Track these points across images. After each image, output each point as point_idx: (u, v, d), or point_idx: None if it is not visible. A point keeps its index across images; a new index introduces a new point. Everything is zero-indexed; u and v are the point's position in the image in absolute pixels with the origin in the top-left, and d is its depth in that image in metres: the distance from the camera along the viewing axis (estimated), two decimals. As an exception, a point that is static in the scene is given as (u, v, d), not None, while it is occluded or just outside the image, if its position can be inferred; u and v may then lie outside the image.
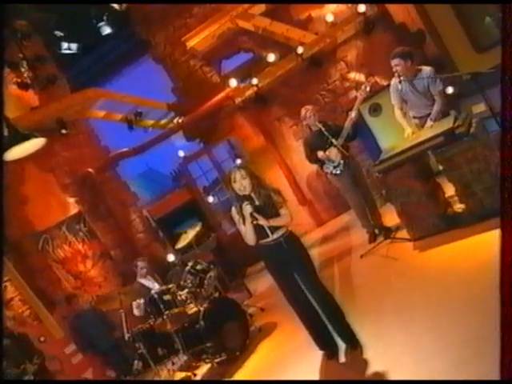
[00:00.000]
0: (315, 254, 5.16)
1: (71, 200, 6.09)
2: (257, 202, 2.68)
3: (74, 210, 6.01)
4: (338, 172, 4.45)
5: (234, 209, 2.75)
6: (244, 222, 2.67)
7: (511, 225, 1.07)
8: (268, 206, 2.69)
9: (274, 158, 6.66)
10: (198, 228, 4.88)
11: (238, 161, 7.02)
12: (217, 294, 4.20)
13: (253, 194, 2.69)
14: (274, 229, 2.68)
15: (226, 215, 8.35)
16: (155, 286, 4.47)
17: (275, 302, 4.53)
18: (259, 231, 2.67)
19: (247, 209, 2.61)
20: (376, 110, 5.63)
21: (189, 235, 4.82)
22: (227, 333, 3.82)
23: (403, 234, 3.99)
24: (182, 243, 4.84)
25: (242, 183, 2.66)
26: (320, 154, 4.42)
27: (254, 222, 2.62)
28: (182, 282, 4.18)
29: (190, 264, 4.29)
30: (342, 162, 4.38)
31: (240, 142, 7.13)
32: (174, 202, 6.07)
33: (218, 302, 4.04)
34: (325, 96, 6.54)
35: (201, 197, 7.10)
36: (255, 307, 4.64)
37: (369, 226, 4.60)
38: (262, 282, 5.48)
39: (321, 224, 6.55)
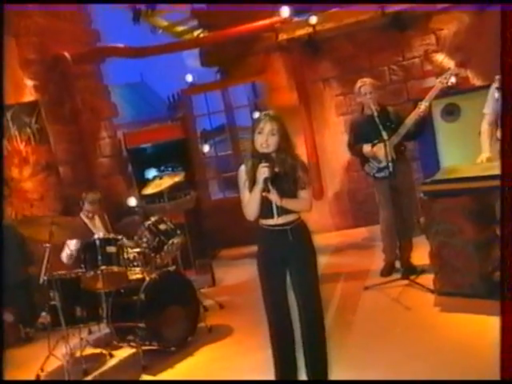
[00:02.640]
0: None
1: (29, 83, 5.93)
2: (276, 169, 2.65)
3: (29, 96, 5.87)
4: (383, 176, 4.38)
5: (243, 166, 2.70)
6: (251, 187, 2.63)
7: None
8: (289, 179, 2.64)
9: (301, 127, 6.54)
10: (177, 178, 4.82)
11: (257, 114, 6.89)
12: (173, 268, 4.18)
13: (274, 156, 2.65)
14: (282, 211, 2.65)
15: (217, 175, 8.33)
16: (100, 230, 4.45)
17: (241, 302, 4.65)
18: (265, 206, 2.64)
19: (263, 172, 2.54)
20: (452, 113, 5.48)
21: (163, 183, 4.76)
22: (169, 319, 3.84)
23: (428, 280, 3.98)
24: (151, 189, 4.79)
25: (267, 139, 2.60)
26: (366, 148, 4.36)
27: (264, 194, 2.58)
28: (135, 238, 4.16)
29: (152, 219, 4.25)
30: (391, 164, 4.22)
31: (267, 90, 6.99)
32: (160, 136, 5.97)
33: (171, 278, 4.03)
34: (394, 72, 6.39)
35: (195, 141, 7.05)
36: (214, 301, 4.65)
37: (391, 254, 4.60)
38: (234, 273, 5.53)
39: (330, 230, 6.52)
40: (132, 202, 5.53)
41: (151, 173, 5.71)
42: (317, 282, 2.78)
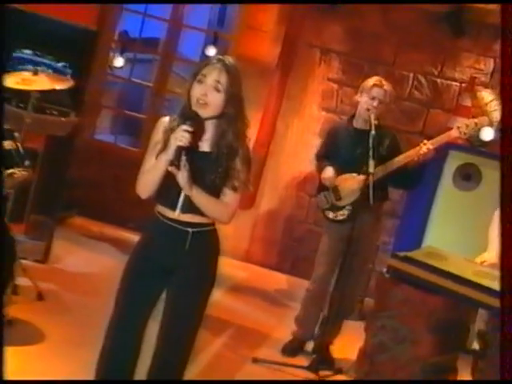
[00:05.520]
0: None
1: None
2: (206, 136, 2.74)
3: None
4: (338, 219, 4.57)
5: (167, 119, 2.81)
6: (159, 152, 2.70)
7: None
8: (218, 165, 2.71)
9: (264, 99, 6.56)
10: (60, 85, 4.70)
11: (212, 50, 6.83)
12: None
13: (211, 123, 2.75)
14: (189, 205, 2.71)
15: (117, 107, 8.07)
16: None
17: (74, 302, 4.73)
18: (167, 188, 2.71)
19: (180, 137, 2.61)
20: (469, 178, 5.66)
21: (36, 82, 4.58)
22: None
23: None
24: (13, 83, 4.51)
25: (207, 94, 2.67)
26: (329, 171, 4.52)
27: (170, 168, 2.63)
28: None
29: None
30: (350, 208, 4.49)
31: (242, 24, 6.99)
32: (59, 11, 5.69)
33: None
34: (419, 86, 6.53)
35: (106, 44, 6.83)
36: (34, 284, 4.59)
37: (305, 329, 4.71)
38: (82, 257, 5.60)
39: (238, 257, 6.55)
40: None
41: (24, 58, 5.43)
42: (198, 322, 2.92)
